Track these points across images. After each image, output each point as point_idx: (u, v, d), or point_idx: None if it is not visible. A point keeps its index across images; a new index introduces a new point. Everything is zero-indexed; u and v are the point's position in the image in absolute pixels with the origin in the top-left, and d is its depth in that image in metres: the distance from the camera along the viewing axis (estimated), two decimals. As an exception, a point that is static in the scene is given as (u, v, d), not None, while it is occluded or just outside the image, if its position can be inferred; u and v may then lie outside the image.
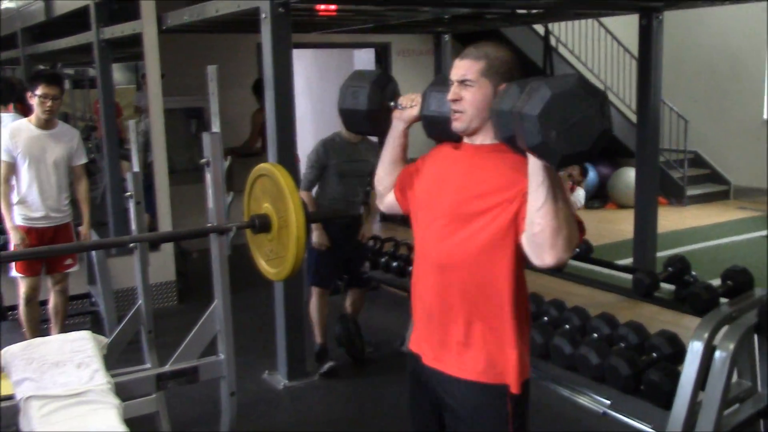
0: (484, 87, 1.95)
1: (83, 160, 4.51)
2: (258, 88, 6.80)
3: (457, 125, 2.00)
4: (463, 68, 1.97)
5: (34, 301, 4.53)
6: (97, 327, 4.78)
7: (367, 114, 2.22)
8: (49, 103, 4.23)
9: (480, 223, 1.90)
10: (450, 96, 1.98)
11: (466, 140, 2.05)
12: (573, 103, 1.57)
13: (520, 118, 1.60)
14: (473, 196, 1.93)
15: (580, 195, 6.54)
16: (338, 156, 4.25)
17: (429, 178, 2.11)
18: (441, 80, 2.11)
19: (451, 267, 1.96)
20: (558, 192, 1.69)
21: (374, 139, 3.93)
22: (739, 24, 9.33)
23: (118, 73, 8.70)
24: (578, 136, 1.58)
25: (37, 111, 4.28)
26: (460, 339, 1.98)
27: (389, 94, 2.24)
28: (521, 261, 1.89)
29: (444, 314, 2.00)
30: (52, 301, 4.65)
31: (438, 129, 2.11)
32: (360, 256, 4.72)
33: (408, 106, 2.18)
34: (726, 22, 9.38)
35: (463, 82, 1.96)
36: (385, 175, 2.29)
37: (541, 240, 1.70)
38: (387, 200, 2.30)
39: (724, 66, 9.65)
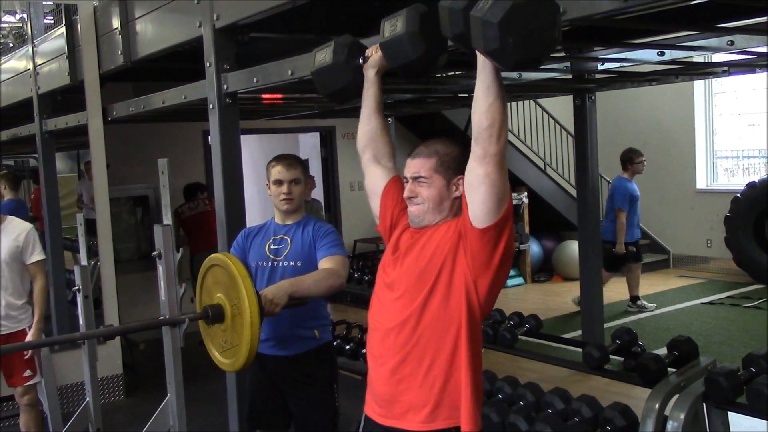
0: (437, 182, 2.05)
1: (38, 257, 4.06)
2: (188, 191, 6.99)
3: (413, 210, 2.08)
4: (415, 166, 2.08)
5: None
6: (40, 426, 4.60)
7: (333, 67, 2.32)
8: None
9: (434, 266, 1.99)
10: (406, 193, 2.08)
11: None
12: (531, 13, 1.66)
13: (481, 23, 1.68)
14: (421, 248, 2.05)
15: None
16: None
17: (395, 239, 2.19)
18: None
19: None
20: (503, 92, 1.82)
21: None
22: (669, 100, 9.82)
23: (59, 162, 8.57)
24: (532, 44, 1.69)
25: None
26: (415, 389, 2.01)
27: (355, 52, 2.33)
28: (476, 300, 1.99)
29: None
30: (22, 418, 4.29)
31: (399, 53, 2.15)
32: None
33: (373, 53, 2.28)
34: (656, 98, 9.85)
35: (417, 179, 2.06)
36: (361, 130, 2.38)
37: (490, 133, 1.82)
38: (373, 171, 2.33)
39: (656, 140, 10.06)
